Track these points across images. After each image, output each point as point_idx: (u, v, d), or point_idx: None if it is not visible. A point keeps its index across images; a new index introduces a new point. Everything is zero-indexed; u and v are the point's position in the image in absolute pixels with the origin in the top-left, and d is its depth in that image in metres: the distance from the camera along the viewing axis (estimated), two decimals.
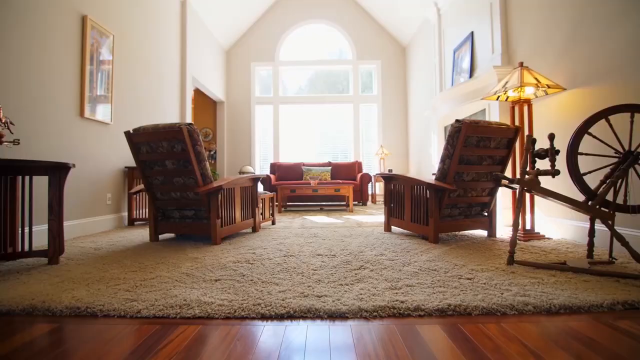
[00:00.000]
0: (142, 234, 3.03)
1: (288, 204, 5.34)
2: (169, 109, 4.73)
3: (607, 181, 1.80)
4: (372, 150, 7.17)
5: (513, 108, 2.76)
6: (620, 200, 1.97)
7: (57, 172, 1.96)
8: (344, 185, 4.89)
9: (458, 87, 4.01)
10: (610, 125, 1.77)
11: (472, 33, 4.05)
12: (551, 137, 1.71)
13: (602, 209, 1.85)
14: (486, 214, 2.71)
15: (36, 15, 2.59)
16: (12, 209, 2.00)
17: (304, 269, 1.80)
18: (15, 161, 1.77)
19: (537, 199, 2.88)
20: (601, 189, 1.75)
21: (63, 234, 2.03)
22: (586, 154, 1.81)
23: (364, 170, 7.00)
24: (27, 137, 2.50)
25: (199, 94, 7.06)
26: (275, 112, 7.17)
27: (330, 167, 6.42)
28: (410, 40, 6.70)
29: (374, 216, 4.31)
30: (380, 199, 6.87)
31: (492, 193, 2.62)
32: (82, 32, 3.08)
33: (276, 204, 5.31)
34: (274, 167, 6.63)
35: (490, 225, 2.69)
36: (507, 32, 3.38)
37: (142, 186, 2.67)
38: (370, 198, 6.57)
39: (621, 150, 1.77)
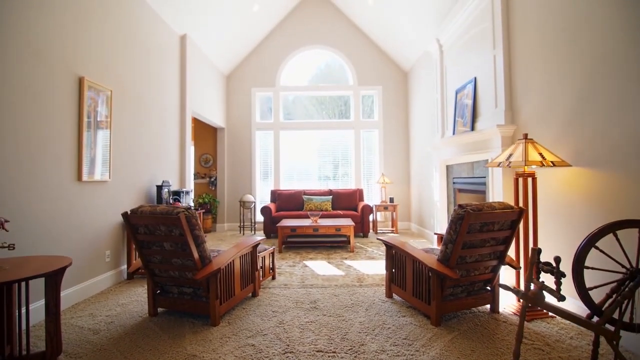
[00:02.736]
0: (141, 301, 2.99)
1: (289, 240, 5.32)
2: (168, 145, 4.69)
3: (614, 296, 1.76)
4: (373, 173, 7.12)
5: (517, 180, 2.71)
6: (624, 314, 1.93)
7: (54, 275, 1.94)
8: (344, 225, 4.86)
9: (460, 136, 3.96)
10: (618, 240, 1.73)
11: (475, 79, 3.99)
12: (557, 260, 1.67)
13: (607, 325, 1.81)
14: (489, 288, 2.67)
15: (32, 83, 2.55)
16: (9, 311, 1.97)
17: None
18: (11, 282, 1.74)
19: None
20: (607, 307, 1.71)
21: (60, 334, 2.01)
22: (592, 268, 1.77)
23: (365, 198, 6.96)
24: (23, 205, 2.47)
25: (199, 120, 7.01)
26: (276, 137, 7.12)
27: (331, 197, 6.39)
28: (412, 67, 6.63)
29: (375, 261, 4.28)
30: (382, 227, 6.84)
31: (495, 270, 2.59)
32: (80, 94, 3.03)
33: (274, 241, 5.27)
34: (275, 195, 6.60)
35: (493, 299, 2.65)
36: (510, 90, 3.32)
37: (139, 262, 2.64)
38: (371, 226, 6.53)
39: (628, 266, 1.73)
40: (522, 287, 2.79)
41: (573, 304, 2.51)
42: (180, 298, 2.60)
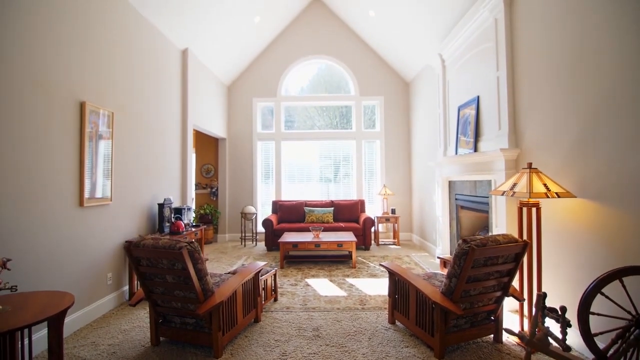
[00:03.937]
0: (143, 327, 2.99)
1: (290, 254, 5.31)
2: (170, 161, 4.69)
3: (619, 342, 1.75)
4: (375, 183, 7.11)
5: (521, 209, 2.70)
6: None
7: (56, 317, 1.93)
8: (346, 240, 4.85)
9: (462, 157, 3.94)
10: (624, 286, 1.72)
11: (478, 97, 3.97)
12: (563, 309, 1.66)
13: None
14: (493, 318, 2.66)
15: (34, 114, 2.54)
16: (12, 349, 1.97)
17: None
18: (13, 330, 1.73)
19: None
20: (611, 354, 1.69)
21: None
22: (597, 314, 1.76)
23: (367, 209, 6.93)
24: (24, 235, 2.47)
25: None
26: (277, 147, 7.10)
27: (332, 208, 6.37)
28: (414, 78, 6.60)
29: (377, 279, 4.27)
30: (383, 237, 6.83)
31: (499, 301, 2.57)
32: (81, 119, 3.02)
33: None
34: (276, 206, 6.60)
35: (497, 330, 2.64)
36: (514, 113, 3.29)
37: (141, 293, 2.63)
38: (373, 237, 6.51)
39: (633, 313, 1.71)
40: (525, 317, 2.77)
41: (576, 336, 2.50)
42: (182, 328, 2.59)
